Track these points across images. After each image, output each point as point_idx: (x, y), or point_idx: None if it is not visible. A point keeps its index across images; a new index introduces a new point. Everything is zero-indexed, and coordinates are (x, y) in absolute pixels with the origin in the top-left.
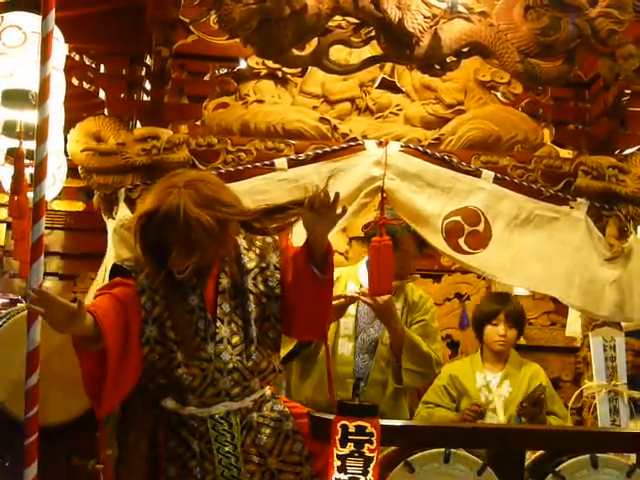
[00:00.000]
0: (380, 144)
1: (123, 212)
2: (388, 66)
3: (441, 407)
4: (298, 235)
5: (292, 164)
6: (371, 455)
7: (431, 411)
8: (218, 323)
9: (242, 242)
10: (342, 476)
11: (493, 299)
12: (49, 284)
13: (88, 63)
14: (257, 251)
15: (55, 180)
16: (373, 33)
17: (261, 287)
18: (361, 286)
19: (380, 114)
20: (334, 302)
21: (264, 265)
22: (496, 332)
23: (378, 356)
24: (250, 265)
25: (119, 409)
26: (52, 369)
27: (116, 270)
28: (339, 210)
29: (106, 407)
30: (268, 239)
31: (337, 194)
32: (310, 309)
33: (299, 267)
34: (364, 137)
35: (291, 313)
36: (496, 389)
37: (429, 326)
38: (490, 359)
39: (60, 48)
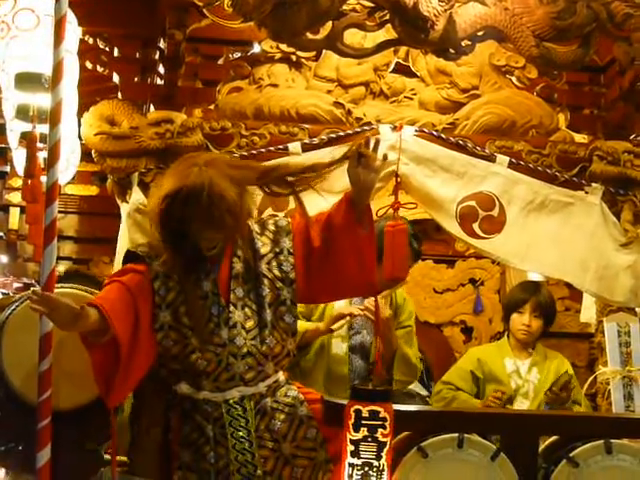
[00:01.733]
0: (394, 128)
1: (137, 196)
2: (402, 50)
3: (462, 391)
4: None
5: (306, 148)
6: (384, 440)
7: (454, 393)
8: (232, 308)
9: (254, 227)
10: (355, 461)
11: (523, 288)
12: (62, 268)
13: (102, 46)
14: (270, 236)
15: (68, 164)
16: (388, 17)
17: (276, 272)
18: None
19: (394, 98)
20: (336, 324)
21: (278, 250)
22: (521, 321)
23: (371, 359)
24: (264, 250)
25: (132, 395)
26: (63, 353)
27: (130, 255)
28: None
29: (116, 398)
30: (281, 223)
31: (377, 139)
32: (354, 265)
33: (339, 226)
34: (378, 121)
35: (333, 276)
36: (526, 375)
37: (412, 332)
38: (516, 347)
39: (73, 31)
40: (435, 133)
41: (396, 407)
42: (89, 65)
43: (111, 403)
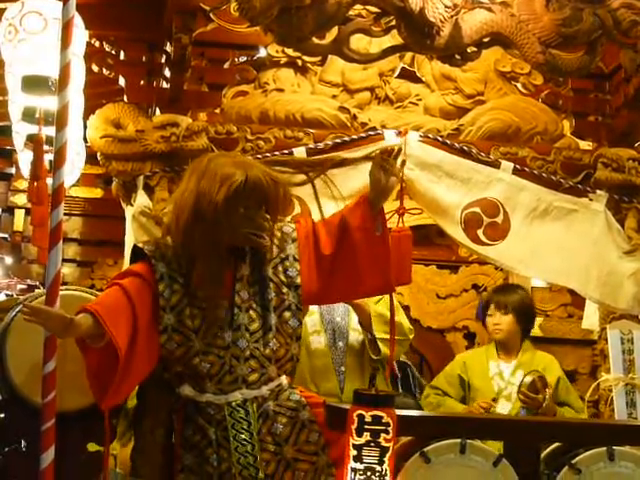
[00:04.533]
0: (399, 134)
1: (142, 199)
2: (408, 56)
3: (449, 397)
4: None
5: (311, 153)
6: (387, 445)
7: (440, 399)
8: (236, 310)
9: None
10: (358, 465)
11: (488, 293)
12: (66, 270)
13: (108, 50)
14: (276, 242)
15: (73, 166)
16: (394, 22)
17: (282, 277)
18: None
19: (399, 104)
20: None
21: (284, 256)
22: (491, 321)
23: (351, 341)
24: (270, 254)
25: (136, 397)
26: (68, 355)
27: (136, 252)
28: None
29: (111, 401)
30: (286, 228)
31: (400, 148)
32: (370, 265)
33: (355, 228)
34: (383, 127)
35: (348, 276)
36: (509, 377)
37: (387, 303)
38: (502, 350)
39: (80, 34)
40: (440, 139)
41: (399, 412)
42: (95, 68)
43: (105, 406)
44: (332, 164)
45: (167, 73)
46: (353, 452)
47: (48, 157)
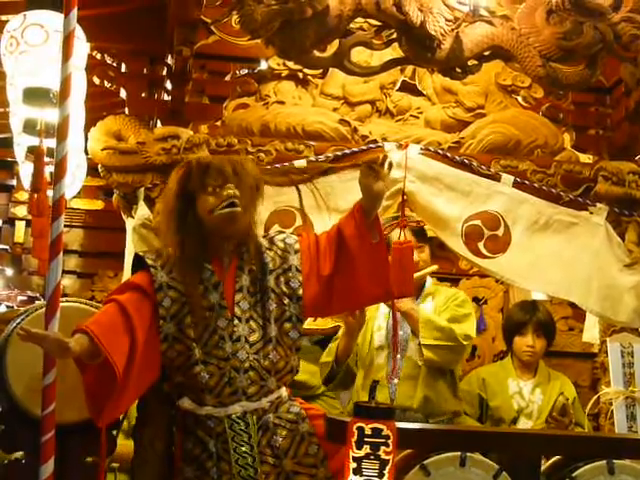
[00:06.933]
0: (400, 146)
1: (142, 211)
2: (409, 69)
3: (467, 416)
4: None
5: (312, 165)
6: (387, 458)
7: (459, 419)
8: (236, 321)
9: (263, 241)
10: (357, 478)
11: (521, 309)
12: (66, 282)
13: (109, 62)
14: (279, 252)
15: (74, 178)
16: (395, 35)
17: (283, 288)
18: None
19: (400, 117)
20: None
21: (286, 267)
22: (524, 343)
23: (409, 353)
24: (272, 265)
25: (136, 409)
26: (69, 366)
27: (138, 261)
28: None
29: (107, 418)
30: (289, 240)
31: (385, 156)
32: (369, 273)
33: (351, 236)
34: (384, 139)
35: (348, 286)
36: (529, 396)
37: (455, 310)
38: (520, 367)
39: (82, 47)
40: (440, 152)
41: (399, 425)
42: (97, 80)
43: (102, 423)
44: (318, 172)
45: (168, 85)
46: (353, 465)
47: (49, 169)
